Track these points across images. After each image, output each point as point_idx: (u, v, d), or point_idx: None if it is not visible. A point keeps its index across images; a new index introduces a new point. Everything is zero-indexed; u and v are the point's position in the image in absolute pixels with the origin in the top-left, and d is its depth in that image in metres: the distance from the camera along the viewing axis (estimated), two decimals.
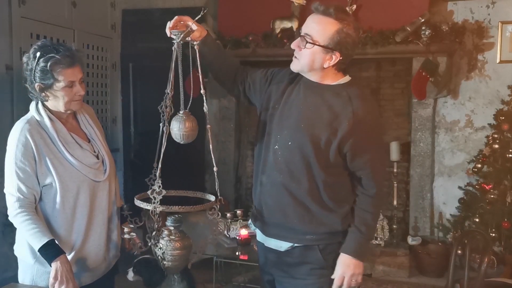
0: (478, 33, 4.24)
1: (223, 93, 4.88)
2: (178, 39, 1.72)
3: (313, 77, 1.85)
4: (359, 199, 1.89)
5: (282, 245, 1.91)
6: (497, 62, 4.23)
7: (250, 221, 2.06)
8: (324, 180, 1.83)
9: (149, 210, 1.64)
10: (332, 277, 1.88)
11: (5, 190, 1.92)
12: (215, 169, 1.78)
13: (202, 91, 1.75)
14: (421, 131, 4.39)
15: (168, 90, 1.70)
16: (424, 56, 4.09)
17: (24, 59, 1.93)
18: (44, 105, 1.97)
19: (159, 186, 1.65)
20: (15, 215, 1.87)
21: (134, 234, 1.66)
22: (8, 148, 1.92)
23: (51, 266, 1.84)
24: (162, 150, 1.69)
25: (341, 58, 1.79)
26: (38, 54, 1.87)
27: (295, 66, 1.86)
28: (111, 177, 2.08)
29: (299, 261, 1.90)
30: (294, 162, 1.83)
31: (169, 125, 1.72)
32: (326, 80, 1.86)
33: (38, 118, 1.94)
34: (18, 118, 2.01)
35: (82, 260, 1.99)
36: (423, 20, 3.97)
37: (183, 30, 1.74)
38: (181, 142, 1.73)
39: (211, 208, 1.73)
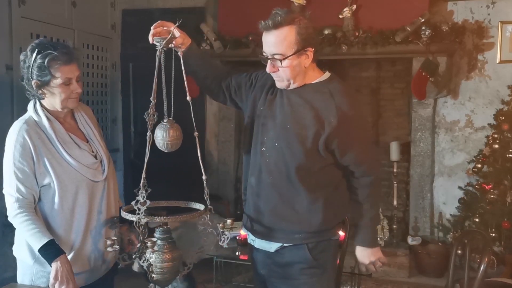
0: (478, 33, 4.24)
1: None
2: (160, 46, 1.71)
3: (299, 82, 1.85)
4: (355, 191, 1.93)
5: (271, 246, 1.92)
6: (497, 62, 4.23)
7: (242, 223, 2.05)
8: (314, 179, 1.85)
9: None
10: (361, 268, 2.07)
11: (4, 191, 1.92)
12: (204, 177, 1.74)
13: (188, 98, 1.71)
14: (421, 131, 4.39)
15: (152, 98, 1.67)
16: (424, 56, 4.09)
17: (22, 56, 1.93)
18: (42, 105, 1.96)
19: (144, 197, 1.62)
20: (15, 215, 1.87)
21: (117, 247, 1.63)
22: (6, 148, 1.91)
23: (51, 266, 1.83)
24: (146, 160, 1.65)
25: (314, 49, 1.81)
26: (35, 51, 1.87)
27: (282, 85, 1.86)
28: (110, 177, 2.07)
29: (289, 261, 1.91)
30: (282, 162, 1.84)
31: (153, 134, 1.69)
32: (307, 77, 1.86)
33: (36, 118, 1.94)
34: (18, 118, 2.00)
35: (81, 260, 1.99)
36: (423, 20, 3.97)
37: (166, 37, 1.73)
38: (165, 151, 1.70)
39: (201, 217, 1.68)
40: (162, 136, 1.68)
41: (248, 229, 2.02)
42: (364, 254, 1.98)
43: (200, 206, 1.76)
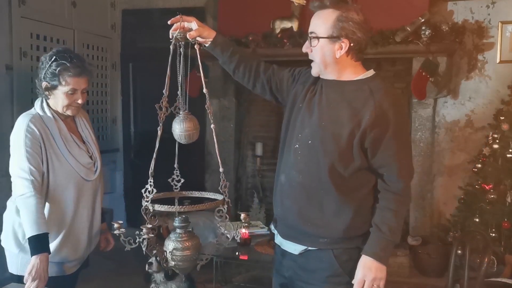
0: (478, 33, 4.24)
1: (223, 93, 4.89)
2: (173, 39, 1.74)
3: (331, 74, 1.81)
4: (381, 196, 1.80)
5: (296, 248, 1.86)
6: (497, 62, 4.23)
7: (272, 223, 2.03)
8: (346, 181, 1.76)
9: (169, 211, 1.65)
10: (353, 281, 1.77)
11: (16, 176, 1.99)
12: (221, 169, 1.77)
13: (204, 91, 1.75)
14: (421, 131, 4.39)
15: (164, 91, 1.71)
16: (424, 56, 4.09)
17: (42, 58, 2.14)
18: (48, 104, 2.13)
19: (151, 185, 1.66)
20: (28, 196, 1.95)
21: (123, 230, 1.66)
22: (14, 138, 2.04)
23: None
24: (156, 150, 1.70)
25: (351, 44, 1.75)
26: (53, 58, 2.08)
27: (314, 70, 1.85)
28: (99, 178, 2.25)
29: (315, 267, 1.82)
30: (314, 160, 1.77)
31: (171, 127, 1.74)
32: (345, 74, 1.81)
33: (41, 114, 2.10)
34: (19, 117, 2.13)
35: (62, 255, 2.11)
36: (423, 20, 3.97)
37: (183, 31, 1.76)
38: (184, 143, 1.75)
39: (219, 210, 1.72)
40: (180, 129, 1.73)
41: (276, 229, 1.97)
42: (366, 266, 1.74)
43: (217, 197, 1.80)
